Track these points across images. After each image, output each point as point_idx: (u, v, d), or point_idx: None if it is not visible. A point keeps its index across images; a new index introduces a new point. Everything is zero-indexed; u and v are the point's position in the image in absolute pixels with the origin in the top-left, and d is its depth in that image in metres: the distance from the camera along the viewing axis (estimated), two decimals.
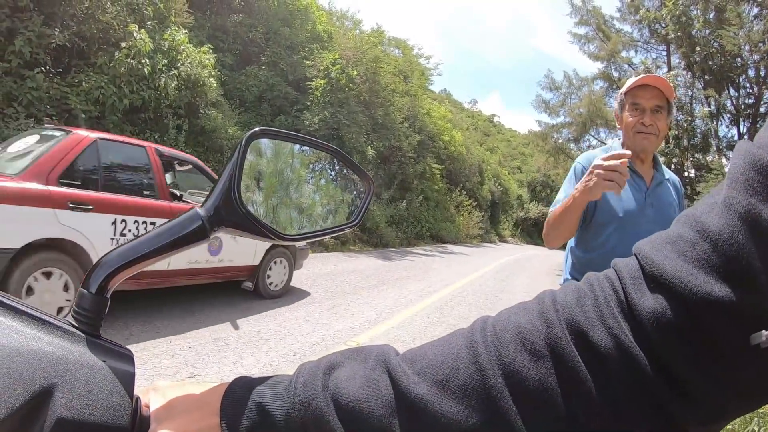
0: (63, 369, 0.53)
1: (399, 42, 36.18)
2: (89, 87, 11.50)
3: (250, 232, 0.69)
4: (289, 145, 0.82)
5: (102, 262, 0.62)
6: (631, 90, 2.71)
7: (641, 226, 2.63)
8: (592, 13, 27.64)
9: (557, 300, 0.58)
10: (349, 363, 0.63)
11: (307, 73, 21.59)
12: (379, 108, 24.76)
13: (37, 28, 10.77)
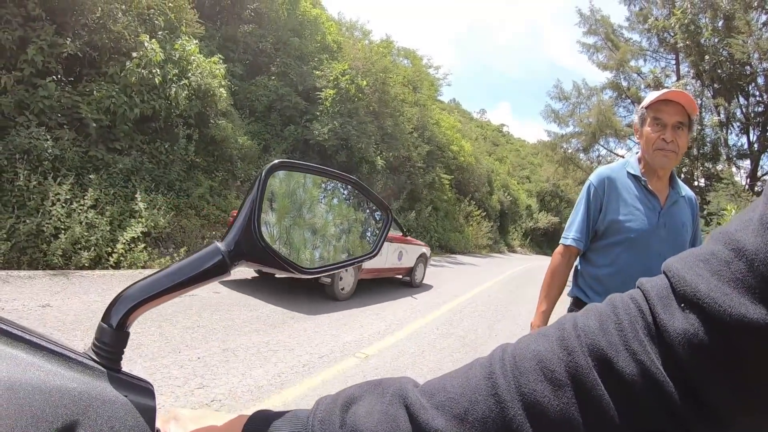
0: (85, 405, 0.53)
1: (408, 52, 36.32)
2: (100, 96, 11.48)
3: (270, 266, 0.70)
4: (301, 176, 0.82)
5: (123, 297, 0.63)
6: (653, 104, 2.65)
7: (652, 246, 2.63)
8: (600, 23, 27.63)
9: (578, 325, 0.57)
10: (367, 397, 0.62)
11: (317, 83, 21.64)
12: (389, 118, 24.80)
13: (49, 38, 10.77)
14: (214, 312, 7.64)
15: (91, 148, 11.19)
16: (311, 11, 25.67)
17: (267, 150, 18.44)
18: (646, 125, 2.70)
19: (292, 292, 10.57)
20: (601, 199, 2.74)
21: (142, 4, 13.03)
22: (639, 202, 2.69)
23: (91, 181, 10.43)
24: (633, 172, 2.76)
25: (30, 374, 0.50)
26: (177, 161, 13.36)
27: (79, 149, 10.86)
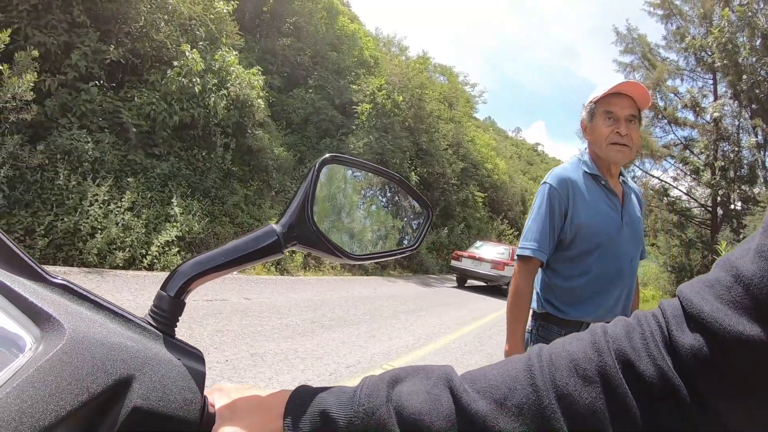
0: (141, 362, 0.57)
1: (445, 69, 36.44)
2: (141, 102, 11.71)
3: (320, 250, 0.73)
4: (342, 170, 0.86)
5: (181, 269, 0.67)
6: (604, 98, 2.53)
7: (621, 248, 2.52)
8: (637, 42, 26.94)
9: (608, 332, 0.63)
10: (412, 378, 0.66)
11: (353, 97, 21.80)
12: (424, 134, 24.85)
13: (93, 44, 11.01)
14: (243, 317, 7.66)
15: (130, 152, 11.38)
16: (349, 26, 25.95)
17: (302, 162, 18.58)
18: (596, 120, 2.56)
19: (322, 301, 10.59)
20: (566, 203, 2.53)
21: (184, 15, 13.29)
22: (602, 203, 2.55)
23: (129, 184, 10.60)
24: (591, 171, 2.60)
25: (94, 329, 0.55)
26: (213, 169, 13.52)
27: (118, 152, 11.06)
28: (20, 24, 9.71)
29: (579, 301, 2.51)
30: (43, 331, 0.52)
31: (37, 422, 0.46)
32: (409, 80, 23.42)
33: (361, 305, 11.08)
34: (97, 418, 0.52)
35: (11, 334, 0.51)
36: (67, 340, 0.52)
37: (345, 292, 12.37)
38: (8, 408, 0.45)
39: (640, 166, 26.65)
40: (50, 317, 0.53)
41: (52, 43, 10.20)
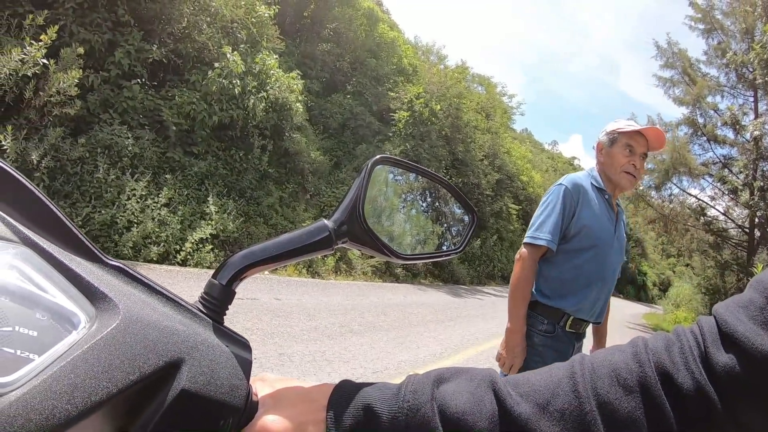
0: (191, 346, 0.58)
1: (483, 79, 36.32)
2: (182, 102, 11.90)
3: (369, 248, 0.74)
4: (383, 173, 0.87)
5: (233, 259, 0.69)
6: (629, 133, 2.86)
7: (611, 256, 2.86)
8: (677, 56, 26.07)
9: (649, 345, 0.64)
10: (456, 378, 0.66)
11: (391, 104, 21.86)
12: (460, 144, 24.78)
13: (136, 43, 11.25)
14: (273, 317, 7.71)
15: (169, 150, 11.59)
16: (389, 33, 26.02)
17: (338, 166, 18.67)
18: (615, 147, 2.89)
19: (352, 305, 10.61)
20: (575, 203, 2.83)
21: (226, 18, 13.46)
22: (603, 213, 2.87)
23: (166, 181, 10.79)
24: (598, 185, 2.94)
25: (147, 312, 0.56)
26: (250, 170, 13.67)
27: (157, 149, 11.25)
28: (66, 21, 9.92)
29: (567, 292, 2.81)
30: (98, 310, 0.54)
31: (88, 397, 0.48)
32: (447, 89, 23.42)
33: (390, 312, 11.09)
34: (146, 398, 0.54)
35: (66, 310, 0.52)
36: (121, 320, 0.53)
37: (375, 298, 12.36)
38: (61, 381, 0.47)
39: (678, 183, 26.04)
40: (105, 297, 0.54)
41: (96, 40, 10.43)
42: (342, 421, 0.64)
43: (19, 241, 0.53)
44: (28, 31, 8.71)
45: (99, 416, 0.50)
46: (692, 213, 25.13)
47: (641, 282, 73.71)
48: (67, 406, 0.46)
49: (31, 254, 0.53)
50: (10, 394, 0.45)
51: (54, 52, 8.87)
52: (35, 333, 0.49)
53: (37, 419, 0.45)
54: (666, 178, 25.73)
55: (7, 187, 0.54)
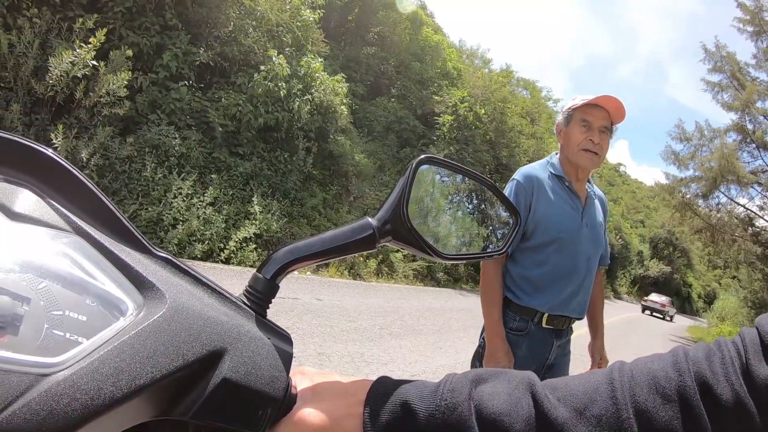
0: (234, 337, 0.59)
1: (527, 83, 36.02)
2: (228, 103, 12.12)
3: (413, 247, 0.74)
4: (430, 175, 0.86)
5: (278, 253, 0.69)
6: (582, 107, 2.68)
7: (580, 246, 2.68)
8: (726, 60, 25.13)
9: (689, 354, 0.63)
10: (495, 379, 0.66)
11: (435, 108, 21.83)
12: (505, 148, 24.61)
13: (184, 46, 11.53)
14: (314, 317, 7.75)
15: (215, 150, 11.80)
16: (433, 37, 25.96)
17: (382, 169, 18.69)
18: (571, 125, 2.71)
19: (392, 308, 10.61)
20: (530, 198, 2.69)
21: (271, 22, 13.63)
22: (564, 202, 2.71)
23: (212, 181, 10.99)
24: (556, 172, 2.77)
25: (192, 302, 0.58)
26: (294, 171, 13.80)
27: (203, 150, 11.47)
28: (115, 25, 10.24)
29: (535, 290, 2.67)
30: (146, 298, 0.56)
31: (133, 380, 0.50)
32: (492, 93, 23.26)
33: (431, 316, 11.05)
34: (188, 385, 0.56)
35: (115, 298, 0.54)
36: (167, 309, 0.55)
37: (416, 302, 12.33)
38: (107, 364, 0.49)
39: (726, 192, 25.27)
40: (153, 286, 0.56)
41: (144, 43, 10.74)
42: (379, 417, 0.64)
43: (72, 231, 0.55)
44: (79, 34, 8.99)
45: (142, 400, 0.52)
46: (740, 223, 24.40)
47: (686, 293, 71.67)
48: (111, 388, 0.49)
49: (83, 243, 0.55)
50: (58, 373, 0.47)
51: (104, 55, 9.14)
52: (84, 318, 0.52)
53: (82, 399, 0.47)
54: (713, 186, 24.88)
55: (60, 179, 0.56)
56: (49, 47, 9.02)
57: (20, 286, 0.49)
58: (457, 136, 21.36)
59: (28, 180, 0.55)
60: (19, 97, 8.72)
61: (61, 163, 0.56)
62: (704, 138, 26.40)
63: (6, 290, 0.48)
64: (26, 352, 0.47)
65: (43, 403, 0.45)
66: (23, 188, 0.55)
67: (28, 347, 0.47)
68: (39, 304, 0.50)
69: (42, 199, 0.55)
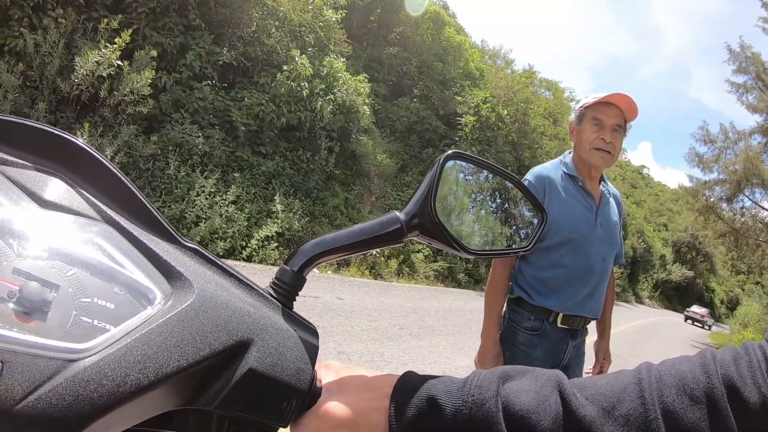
0: (260, 328, 0.60)
1: (550, 84, 35.81)
2: (251, 103, 12.21)
3: (439, 241, 0.73)
4: (454, 173, 0.86)
5: (305, 246, 0.69)
6: (593, 105, 2.64)
7: (593, 246, 2.64)
8: (751, 61, 24.55)
9: (717, 356, 0.62)
10: (522, 377, 0.66)
11: (458, 108, 21.79)
12: (527, 149, 24.47)
13: (207, 46, 11.65)
14: (334, 316, 7.78)
15: (238, 149, 11.89)
16: (455, 37, 25.87)
17: (404, 170, 18.71)
18: (583, 124, 2.68)
19: (413, 308, 10.59)
20: (542, 198, 2.60)
21: (294, 22, 13.71)
22: (577, 202, 2.67)
23: (234, 179, 11.08)
24: (569, 172, 2.71)
25: (220, 292, 0.58)
26: (317, 171, 13.86)
27: (226, 149, 11.57)
28: (139, 25, 10.38)
29: (550, 291, 2.64)
30: (174, 287, 0.56)
31: (159, 368, 0.51)
32: (515, 94, 23.17)
33: (451, 316, 11.07)
34: (214, 374, 0.57)
35: (143, 286, 0.55)
36: (195, 299, 0.56)
37: (437, 302, 12.31)
38: (134, 352, 0.50)
39: (750, 196, 24.85)
40: (181, 276, 0.57)
41: (168, 43, 10.86)
42: (405, 412, 0.64)
43: (101, 219, 0.56)
44: (103, 34, 9.12)
45: (168, 388, 0.53)
46: (764, 227, 24.03)
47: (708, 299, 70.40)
48: (138, 375, 0.50)
49: (112, 232, 0.56)
50: (85, 359, 0.48)
51: (128, 55, 9.27)
52: (112, 305, 0.53)
53: (108, 385, 0.48)
54: (738, 189, 24.47)
55: (90, 168, 0.57)
56: (74, 47, 9.19)
57: (49, 273, 0.51)
58: (480, 137, 21.30)
59: (59, 169, 0.56)
60: (44, 96, 8.89)
61: (90, 153, 0.57)
62: (729, 140, 25.96)
63: (35, 276, 0.50)
64: (54, 338, 0.48)
65: (69, 388, 0.46)
66: (53, 177, 0.56)
67: (55, 333, 0.48)
68: (68, 291, 0.51)
69: (72, 188, 0.56)
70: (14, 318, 0.48)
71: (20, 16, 8.81)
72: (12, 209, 0.52)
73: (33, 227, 0.52)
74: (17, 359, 0.45)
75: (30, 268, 0.50)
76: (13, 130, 0.56)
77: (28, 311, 0.48)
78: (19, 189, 0.53)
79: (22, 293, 0.48)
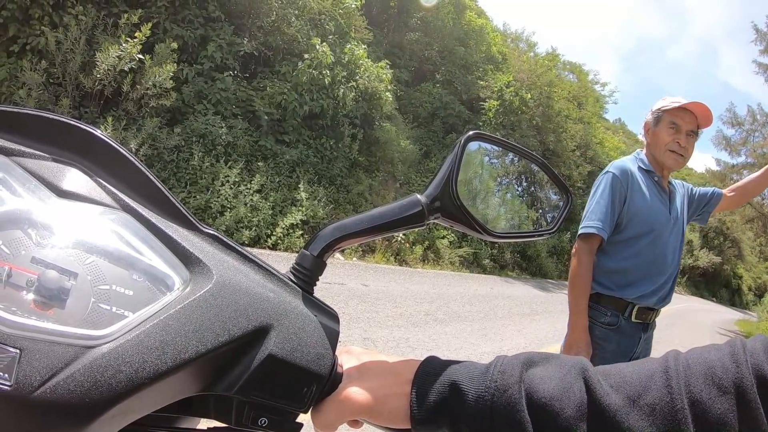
0: (280, 314, 0.61)
1: (574, 66, 35.34)
2: (273, 92, 12.26)
3: (461, 224, 0.73)
4: (479, 157, 0.86)
5: (325, 231, 0.70)
6: (672, 110, 2.79)
7: (668, 238, 2.82)
8: None
9: (747, 346, 0.60)
10: (546, 363, 0.65)
11: (481, 93, 21.69)
12: (551, 134, 24.20)
13: (228, 37, 11.73)
14: (360, 302, 7.82)
15: (261, 139, 11.94)
16: (476, 21, 25.66)
17: (427, 155, 18.67)
18: (660, 126, 2.83)
19: (438, 294, 10.60)
20: (625, 190, 2.80)
21: (314, 10, 13.70)
22: (654, 196, 2.83)
23: (258, 168, 11.16)
24: (646, 167, 2.89)
25: (239, 278, 0.59)
26: (340, 158, 13.89)
27: (250, 138, 11.64)
28: (159, 19, 10.47)
29: (629, 283, 2.77)
30: (192, 273, 0.57)
31: (178, 354, 0.52)
32: (538, 78, 22.93)
33: (476, 302, 11.05)
34: (233, 360, 0.57)
35: (162, 273, 0.56)
36: (213, 284, 0.56)
37: (461, 288, 12.30)
38: (153, 337, 0.51)
39: None
40: (200, 262, 0.58)
41: (189, 36, 10.97)
42: (427, 397, 0.64)
43: (119, 208, 0.57)
44: (124, 29, 9.26)
45: (187, 373, 0.54)
46: None
47: (736, 286, 69.08)
48: (156, 361, 0.50)
49: (131, 220, 0.57)
50: (103, 346, 0.49)
51: (149, 48, 9.39)
52: (131, 292, 0.54)
53: (127, 371, 0.49)
54: None
55: (108, 157, 0.58)
56: (95, 43, 9.32)
57: (68, 261, 0.52)
58: (503, 122, 21.19)
59: (76, 159, 0.57)
60: (68, 92, 9.03)
61: (108, 143, 0.58)
62: (756, 123, 25.52)
63: (54, 265, 0.51)
64: (72, 325, 0.49)
65: (87, 374, 0.47)
66: (71, 167, 0.57)
67: (74, 320, 0.50)
68: (86, 278, 0.52)
69: (90, 178, 0.57)
70: (33, 306, 0.49)
71: (41, 14, 8.94)
72: (30, 200, 0.54)
73: (51, 217, 0.53)
74: (35, 346, 0.46)
75: (48, 257, 0.51)
76: (29, 122, 0.56)
77: (46, 299, 0.49)
78: (37, 179, 0.55)
79: (41, 282, 0.49)
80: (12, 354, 0.45)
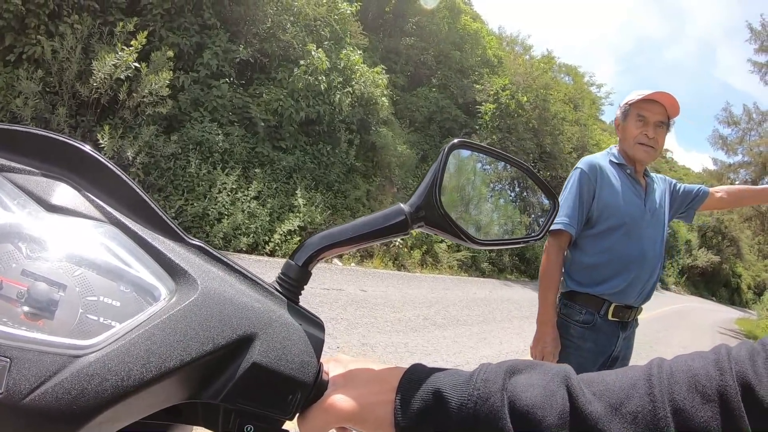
0: (265, 323, 0.62)
1: (570, 69, 35.34)
2: (269, 99, 12.29)
3: (445, 233, 0.73)
4: (471, 162, 0.87)
5: (310, 240, 0.71)
6: (637, 102, 2.81)
7: (643, 230, 2.78)
8: None
9: (731, 353, 0.61)
10: (529, 371, 0.65)
11: (477, 96, 21.69)
12: (548, 136, 24.17)
13: (223, 44, 11.73)
14: (358, 308, 7.81)
15: (258, 145, 11.97)
16: (472, 25, 25.66)
17: (425, 160, 18.66)
18: (628, 120, 2.85)
19: (436, 299, 10.60)
20: (594, 185, 2.80)
21: (309, 16, 13.75)
22: (627, 188, 2.82)
23: (255, 175, 11.17)
24: (617, 161, 2.90)
25: (224, 288, 0.61)
26: (337, 164, 13.91)
27: (246, 145, 11.68)
28: (155, 27, 10.49)
29: (603, 279, 2.75)
30: (178, 284, 0.59)
31: (163, 363, 0.53)
32: (534, 80, 22.91)
33: (475, 306, 11.06)
34: (218, 368, 0.59)
35: (148, 284, 0.58)
36: (198, 295, 0.58)
37: (460, 292, 12.32)
38: (139, 347, 0.52)
39: None
40: (185, 273, 0.59)
41: (185, 43, 10.99)
42: (410, 405, 0.64)
43: (107, 221, 0.59)
44: (120, 37, 9.29)
45: (172, 382, 0.55)
46: None
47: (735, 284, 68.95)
48: (141, 369, 0.52)
49: (118, 232, 0.59)
50: (90, 355, 0.50)
51: (145, 56, 9.40)
52: (118, 303, 0.55)
53: (112, 380, 0.50)
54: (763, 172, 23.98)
55: (95, 172, 0.60)
56: (91, 51, 9.32)
57: (57, 273, 0.53)
58: (500, 125, 21.19)
59: (65, 174, 0.59)
60: (64, 101, 9.04)
61: (95, 157, 0.59)
62: (752, 121, 25.49)
63: (43, 277, 0.52)
64: (61, 335, 0.51)
65: (74, 382, 0.48)
66: (60, 182, 0.58)
67: (63, 330, 0.51)
68: (75, 290, 0.53)
69: (78, 192, 0.59)
70: (23, 317, 0.50)
71: (37, 24, 8.95)
72: (20, 214, 0.55)
73: (41, 230, 0.55)
74: (25, 356, 0.47)
75: (38, 270, 0.52)
76: (18, 139, 0.58)
77: (36, 310, 0.51)
78: (26, 194, 0.56)
79: (31, 294, 0.51)
80: (2, 363, 0.47)
